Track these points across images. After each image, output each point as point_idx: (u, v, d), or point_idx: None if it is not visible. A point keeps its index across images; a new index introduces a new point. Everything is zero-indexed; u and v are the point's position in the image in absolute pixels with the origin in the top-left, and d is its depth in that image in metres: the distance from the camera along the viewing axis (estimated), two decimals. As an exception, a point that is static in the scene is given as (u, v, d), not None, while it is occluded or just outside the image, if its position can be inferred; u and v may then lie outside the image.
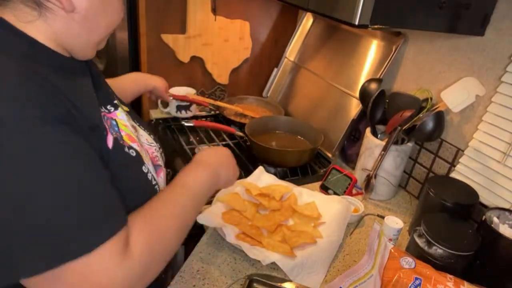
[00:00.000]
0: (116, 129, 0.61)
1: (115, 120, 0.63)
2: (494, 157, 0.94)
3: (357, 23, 0.74)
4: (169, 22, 1.47)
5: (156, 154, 0.73)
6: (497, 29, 0.91)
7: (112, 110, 0.64)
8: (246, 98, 1.65)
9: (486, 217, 0.82)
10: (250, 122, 1.35)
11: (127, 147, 0.60)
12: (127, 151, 0.60)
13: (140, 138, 0.70)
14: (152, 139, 0.76)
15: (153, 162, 0.70)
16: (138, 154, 0.62)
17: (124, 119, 0.66)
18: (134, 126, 0.70)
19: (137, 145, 0.63)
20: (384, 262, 0.73)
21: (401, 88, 1.21)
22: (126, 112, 0.71)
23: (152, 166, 0.67)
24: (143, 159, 0.63)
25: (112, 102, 0.66)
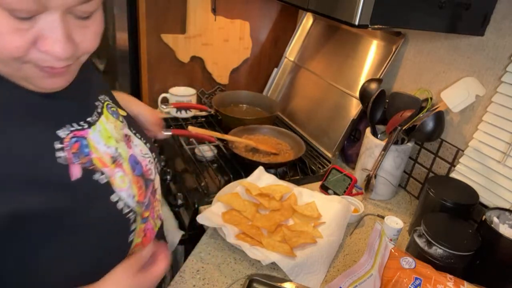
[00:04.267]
0: (85, 152, 0.55)
1: (86, 140, 0.56)
2: (494, 157, 0.94)
3: (357, 23, 0.74)
4: (169, 22, 1.47)
5: (149, 167, 0.68)
6: (497, 29, 0.91)
7: (86, 127, 0.57)
8: (257, 128, 1.40)
9: (486, 217, 0.82)
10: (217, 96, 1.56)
11: (98, 173, 0.55)
12: (96, 178, 0.55)
13: (134, 148, 0.66)
14: (148, 148, 0.70)
15: (146, 176, 0.66)
16: (108, 181, 0.56)
17: (96, 139, 0.58)
18: (128, 135, 0.66)
19: (109, 170, 0.57)
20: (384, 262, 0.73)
21: (401, 88, 1.21)
22: (123, 117, 0.67)
23: (130, 189, 0.60)
24: (113, 186, 0.57)
25: (87, 118, 0.58)
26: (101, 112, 0.62)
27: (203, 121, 1.53)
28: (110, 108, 0.66)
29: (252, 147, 1.29)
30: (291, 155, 1.28)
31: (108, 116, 0.63)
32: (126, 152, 0.63)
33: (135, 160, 0.65)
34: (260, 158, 1.24)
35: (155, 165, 0.72)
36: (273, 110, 1.52)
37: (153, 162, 0.70)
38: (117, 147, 0.61)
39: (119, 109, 0.69)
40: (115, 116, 0.65)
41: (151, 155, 0.71)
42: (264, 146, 1.29)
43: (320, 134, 1.40)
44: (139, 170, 0.65)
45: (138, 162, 0.65)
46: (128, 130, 0.67)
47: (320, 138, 1.39)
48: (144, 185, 0.65)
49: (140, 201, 0.63)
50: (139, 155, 0.67)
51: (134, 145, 0.66)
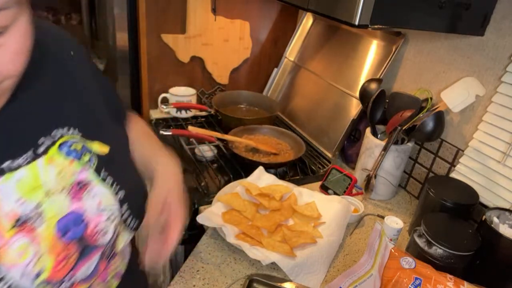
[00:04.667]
0: None
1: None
2: (494, 157, 0.94)
3: (357, 23, 0.74)
4: (169, 22, 1.47)
5: (101, 227, 0.53)
6: (497, 29, 0.91)
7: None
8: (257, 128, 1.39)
9: (486, 217, 0.82)
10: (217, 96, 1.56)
11: None
12: None
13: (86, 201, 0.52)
14: (118, 200, 0.56)
15: (88, 240, 0.52)
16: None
17: (6, 192, 0.45)
18: (83, 183, 0.52)
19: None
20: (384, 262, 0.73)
21: (401, 88, 1.21)
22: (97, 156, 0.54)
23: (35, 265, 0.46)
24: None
25: (2, 163, 0.45)
26: (42, 153, 0.49)
27: (203, 121, 1.53)
28: (69, 147, 0.52)
29: (252, 147, 1.29)
30: (291, 155, 1.28)
31: (54, 158, 0.50)
32: (59, 209, 0.49)
33: (75, 219, 0.51)
34: (260, 158, 1.24)
35: (120, 222, 0.57)
36: (273, 110, 1.52)
37: (115, 219, 0.55)
38: (41, 203, 0.47)
39: (95, 145, 0.55)
40: (72, 156, 0.52)
41: (118, 209, 0.56)
42: (264, 146, 1.29)
43: (320, 134, 1.40)
44: (77, 233, 0.51)
45: (82, 222, 0.51)
46: (93, 174, 0.54)
47: (320, 138, 1.39)
48: (78, 252, 0.51)
49: (52, 280, 0.48)
50: (91, 211, 0.52)
51: (89, 197, 0.53)
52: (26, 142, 0.48)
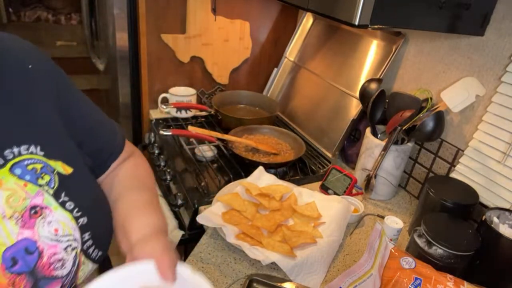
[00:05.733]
0: None
1: None
2: (494, 157, 0.94)
3: (357, 23, 0.74)
4: (169, 22, 1.47)
5: (59, 257, 0.49)
6: (497, 29, 0.91)
7: None
8: (257, 128, 1.39)
9: (486, 217, 0.82)
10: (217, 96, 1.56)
11: None
12: None
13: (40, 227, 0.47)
14: (79, 226, 0.51)
15: (41, 272, 0.47)
16: None
17: None
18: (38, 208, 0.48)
19: None
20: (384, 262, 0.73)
21: (401, 88, 1.21)
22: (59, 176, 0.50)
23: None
24: None
25: None
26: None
27: (203, 121, 1.53)
28: (25, 167, 0.48)
29: (252, 147, 1.29)
30: (291, 155, 1.28)
31: (4, 180, 0.46)
32: (7, 236, 0.45)
33: (27, 247, 0.46)
34: (260, 158, 1.24)
35: (81, 253, 0.52)
36: (273, 110, 1.52)
37: (74, 249, 0.51)
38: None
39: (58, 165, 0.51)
40: (27, 179, 0.47)
41: (79, 237, 0.51)
42: (264, 146, 1.29)
43: (320, 134, 1.40)
44: (28, 263, 0.46)
45: (35, 251, 0.47)
46: (50, 198, 0.49)
47: (320, 138, 1.39)
48: (29, 287, 0.46)
49: None
50: (46, 238, 0.48)
51: (44, 223, 0.48)
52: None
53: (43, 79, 0.54)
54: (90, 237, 0.52)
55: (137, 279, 0.50)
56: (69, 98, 0.58)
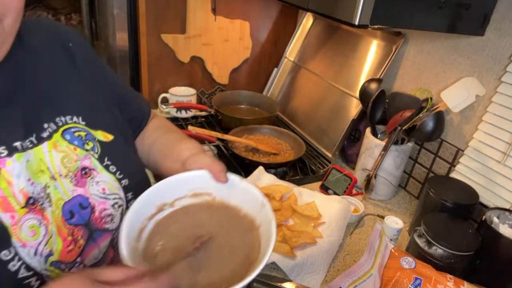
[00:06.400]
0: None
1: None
2: (494, 157, 0.94)
3: (357, 23, 0.74)
4: (169, 22, 1.47)
5: (108, 212, 0.55)
6: (497, 29, 0.91)
7: (4, 155, 0.46)
8: (257, 128, 1.39)
9: (486, 217, 0.82)
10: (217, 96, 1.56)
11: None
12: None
13: (90, 187, 0.53)
14: (122, 186, 0.58)
15: (95, 225, 0.54)
16: (3, 231, 0.44)
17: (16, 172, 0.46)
18: (87, 169, 0.54)
19: (10, 217, 0.45)
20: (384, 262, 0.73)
21: (401, 88, 1.21)
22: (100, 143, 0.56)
23: (45, 245, 0.47)
24: (11, 238, 0.44)
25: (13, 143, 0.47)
26: (47, 137, 0.51)
27: (203, 121, 1.53)
28: (73, 133, 0.54)
29: (252, 147, 1.28)
30: (291, 155, 1.28)
31: (58, 143, 0.52)
32: (64, 193, 0.51)
33: (81, 203, 0.52)
34: (260, 158, 1.24)
35: (126, 209, 0.58)
36: (273, 110, 1.52)
37: (120, 207, 0.57)
38: (48, 186, 0.49)
39: (98, 134, 0.57)
40: (76, 144, 0.54)
41: (124, 197, 0.57)
42: (264, 146, 1.29)
43: (320, 134, 1.40)
44: (83, 217, 0.52)
45: (87, 206, 0.53)
46: (96, 162, 0.55)
47: (320, 138, 1.39)
48: (85, 237, 0.52)
49: (63, 261, 0.49)
50: (96, 196, 0.54)
51: (93, 182, 0.54)
52: (32, 126, 0.50)
53: (80, 55, 0.60)
54: (132, 197, 0.57)
55: (189, 183, 0.58)
56: (102, 70, 0.66)
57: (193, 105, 1.52)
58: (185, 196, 0.58)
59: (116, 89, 0.69)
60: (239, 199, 0.58)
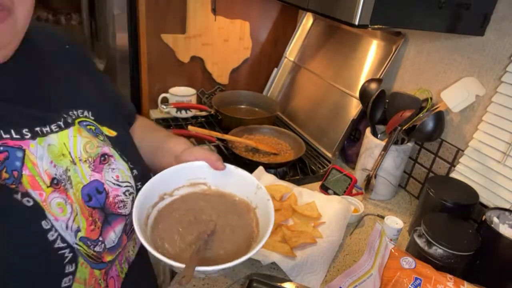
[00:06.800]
0: (14, 166, 0.45)
1: (23, 152, 0.47)
2: (494, 157, 0.94)
3: (357, 23, 0.74)
4: (169, 22, 1.47)
5: (121, 199, 0.58)
6: (497, 29, 0.91)
7: (28, 137, 0.48)
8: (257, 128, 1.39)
9: (486, 217, 0.82)
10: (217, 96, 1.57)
11: (20, 194, 0.45)
12: (17, 197, 0.44)
13: (106, 173, 0.56)
14: (133, 176, 0.61)
15: (109, 209, 0.56)
16: (37, 204, 0.46)
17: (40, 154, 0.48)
18: (107, 155, 0.57)
19: (39, 193, 0.47)
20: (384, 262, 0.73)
21: (401, 88, 1.21)
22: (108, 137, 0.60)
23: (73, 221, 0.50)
24: (45, 211, 0.47)
25: (35, 127, 0.50)
26: (70, 123, 0.54)
27: (203, 121, 1.53)
28: (86, 126, 0.57)
29: (252, 147, 1.28)
30: (291, 155, 1.28)
31: (81, 130, 0.56)
32: (83, 177, 0.53)
33: (97, 188, 0.55)
34: (260, 158, 1.24)
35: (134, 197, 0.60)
36: (273, 110, 1.52)
37: (131, 194, 0.60)
38: (68, 169, 0.52)
39: (104, 129, 0.61)
40: (92, 134, 0.57)
41: (134, 185, 0.60)
42: (264, 146, 1.29)
43: (320, 134, 1.40)
44: (99, 201, 0.55)
45: (103, 191, 0.55)
46: (112, 149, 0.59)
47: (320, 138, 1.39)
48: (101, 220, 0.54)
49: (89, 238, 0.52)
50: (110, 182, 0.57)
51: (109, 169, 0.57)
52: (55, 112, 0.53)
53: (79, 56, 0.65)
54: (141, 186, 0.59)
55: (188, 174, 0.62)
56: (98, 71, 0.70)
57: (193, 105, 1.52)
58: (182, 186, 0.62)
59: (111, 88, 0.74)
60: (234, 186, 0.63)
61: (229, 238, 0.56)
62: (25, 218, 0.45)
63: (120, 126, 0.65)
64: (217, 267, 0.46)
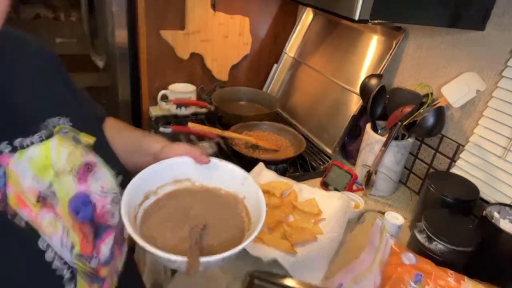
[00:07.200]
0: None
1: (3, 169, 0.44)
2: (495, 152, 0.94)
3: (357, 18, 0.74)
4: (168, 19, 1.46)
5: (108, 209, 0.55)
6: (498, 23, 0.91)
7: (7, 151, 0.45)
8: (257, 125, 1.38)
9: (486, 212, 0.82)
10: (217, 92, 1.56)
11: (9, 215, 0.42)
12: (8, 220, 0.42)
13: (91, 183, 0.53)
14: (118, 182, 0.58)
15: (98, 221, 0.53)
16: (30, 224, 0.44)
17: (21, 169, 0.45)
18: (91, 164, 0.54)
19: (28, 212, 0.44)
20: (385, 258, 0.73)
21: (402, 83, 1.21)
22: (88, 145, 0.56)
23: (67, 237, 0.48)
24: (38, 230, 0.45)
25: (13, 140, 0.46)
26: (51, 133, 0.51)
27: (203, 118, 1.53)
28: (66, 133, 0.53)
29: (252, 144, 1.28)
30: (291, 151, 1.28)
31: (63, 140, 0.52)
32: (68, 189, 0.50)
33: (83, 200, 0.52)
34: (260, 155, 1.23)
35: None
36: (273, 106, 1.51)
37: (118, 202, 0.56)
38: (52, 183, 0.48)
39: (82, 136, 0.57)
40: (73, 142, 0.54)
41: (120, 193, 0.57)
42: (264, 142, 1.28)
43: (320, 130, 1.39)
44: (87, 214, 0.52)
45: (89, 203, 0.52)
46: (96, 157, 0.56)
47: (320, 134, 1.39)
48: (92, 234, 0.52)
49: (84, 253, 0.49)
50: (96, 193, 0.54)
51: (94, 179, 0.54)
52: (32, 122, 0.50)
53: (49, 60, 0.61)
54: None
55: (171, 170, 0.62)
56: (66, 71, 0.65)
57: (193, 101, 1.51)
58: (166, 184, 0.62)
59: (80, 89, 0.69)
60: (219, 179, 0.64)
61: (220, 230, 0.56)
62: (21, 241, 0.43)
63: (97, 130, 0.62)
64: (221, 256, 0.46)
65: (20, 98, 0.51)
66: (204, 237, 0.54)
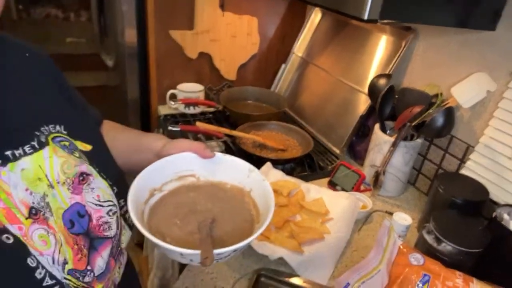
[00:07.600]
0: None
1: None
2: (505, 153, 0.93)
3: (366, 18, 0.73)
4: (177, 18, 1.47)
5: (105, 220, 0.53)
6: (509, 23, 0.90)
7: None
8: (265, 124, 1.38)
9: (496, 214, 0.81)
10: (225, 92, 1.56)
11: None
12: None
13: (86, 194, 0.52)
14: (114, 193, 0.56)
15: (94, 233, 0.52)
16: (18, 241, 0.42)
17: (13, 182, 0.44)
18: (85, 174, 0.52)
19: (18, 228, 0.43)
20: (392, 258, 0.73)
21: (411, 83, 1.20)
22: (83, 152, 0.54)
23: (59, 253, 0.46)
24: (28, 247, 0.43)
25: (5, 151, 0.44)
26: (44, 143, 0.49)
27: (211, 117, 1.53)
28: (59, 142, 0.51)
29: (260, 143, 1.29)
30: (299, 151, 1.28)
31: (56, 149, 0.50)
32: (62, 201, 0.49)
33: (79, 211, 0.50)
34: (267, 154, 1.24)
35: (120, 217, 0.57)
36: (280, 106, 1.52)
37: (115, 213, 0.55)
38: (46, 194, 0.47)
39: (78, 144, 0.55)
40: (67, 151, 0.51)
41: (116, 202, 0.56)
42: (271, 142, 1.29)
43: (328, 130, 1.39)
44: (82, 225, 0.50)
45: (85, 214, 0.51)
46: (90, 167, 0.54)
47: (328, 134, 1.38)
48: (87, 247, 0.50)
49: (77, 269, 0.47)
50: (91, 203, 0.52)
51: (89, 189, 0.52)
52: (25, 132, 0.48)
53: (44, 66, 0.59)
54: (124, 203, 0.57)
55: (175, 167, 0.61)
56: (62, 75, 0.63)
57: (201, 101, 1.52)
58: (171, 180, 0.62)
59: (76, 93, 0.67)
60: (225, 173, 0.63)
61: (229, 223, 0.56)
62: (8, 258, 0.41)
63: (94, 137, 0.61)
64: (233, 247, 0.46)
65: (11, 106, 0.49)
66: (213, 230, 0.54)
